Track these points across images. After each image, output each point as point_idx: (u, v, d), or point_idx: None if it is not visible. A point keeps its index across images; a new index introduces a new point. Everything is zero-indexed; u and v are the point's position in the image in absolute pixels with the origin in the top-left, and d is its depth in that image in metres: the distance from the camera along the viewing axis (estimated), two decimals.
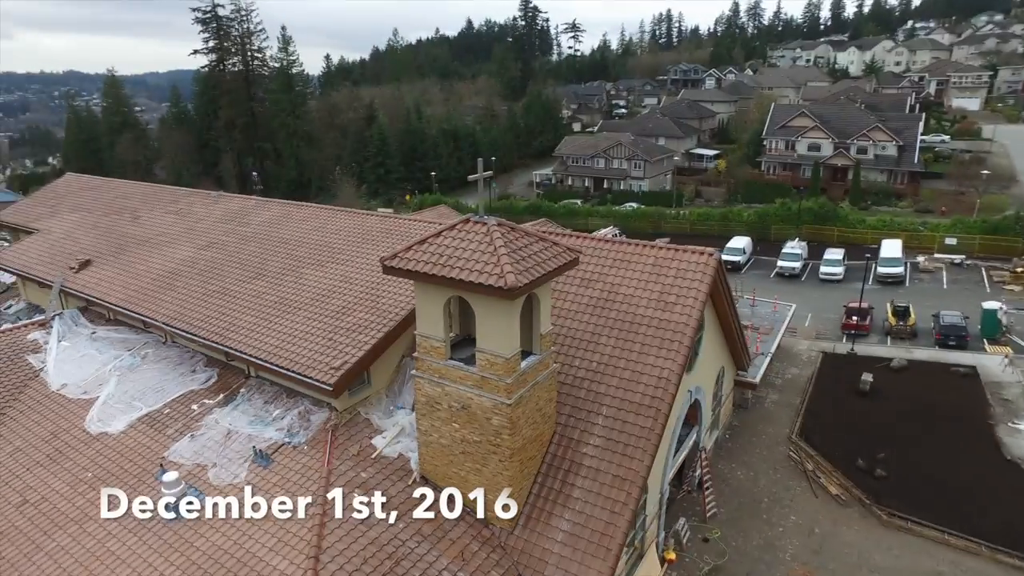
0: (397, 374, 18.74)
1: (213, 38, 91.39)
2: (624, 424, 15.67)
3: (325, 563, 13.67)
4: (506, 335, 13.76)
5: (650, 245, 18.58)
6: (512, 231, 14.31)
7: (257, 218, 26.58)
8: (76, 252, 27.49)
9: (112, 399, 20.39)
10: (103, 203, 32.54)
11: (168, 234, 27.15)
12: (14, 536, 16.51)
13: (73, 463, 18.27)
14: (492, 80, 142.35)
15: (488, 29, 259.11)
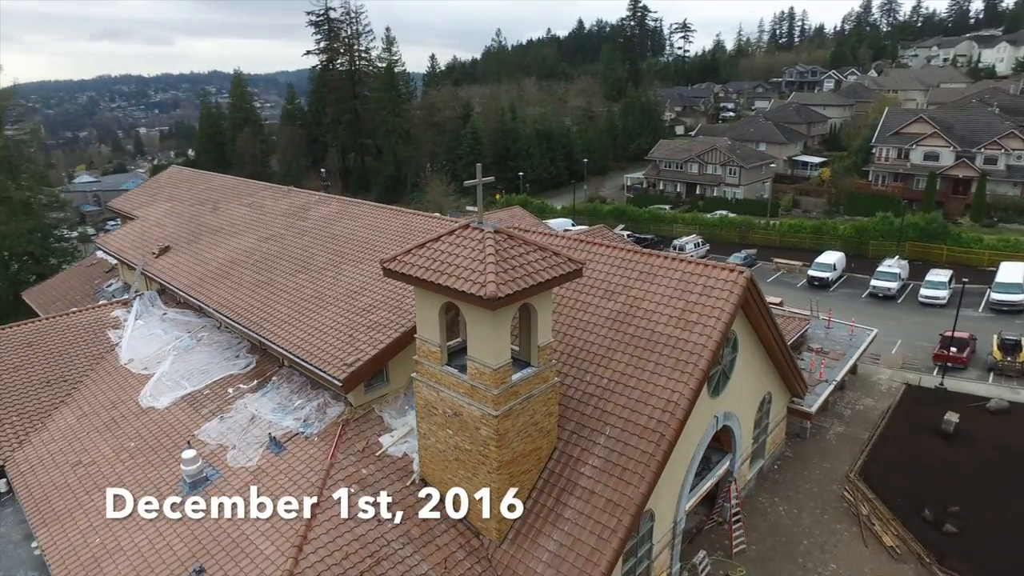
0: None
1: (324, 39, 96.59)
2: (625, 447, 14.87)
3: (307, 553, 13.98)
4: (492, 345, 13.43)
5: (679, 258, 17.54)
6: (509, 239, 13.95)
7: (316, 213, 27.68)
8: (160, 239, 29.89)
9: (165, 377, 21.97)
10: (192, 194, 35.18)
11: (237, 225, 28.88)
12: (64, 491, 18.15)
13: (122, 432, 19.84)
14: (593, 80, 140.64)
15: (599, 30, 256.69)
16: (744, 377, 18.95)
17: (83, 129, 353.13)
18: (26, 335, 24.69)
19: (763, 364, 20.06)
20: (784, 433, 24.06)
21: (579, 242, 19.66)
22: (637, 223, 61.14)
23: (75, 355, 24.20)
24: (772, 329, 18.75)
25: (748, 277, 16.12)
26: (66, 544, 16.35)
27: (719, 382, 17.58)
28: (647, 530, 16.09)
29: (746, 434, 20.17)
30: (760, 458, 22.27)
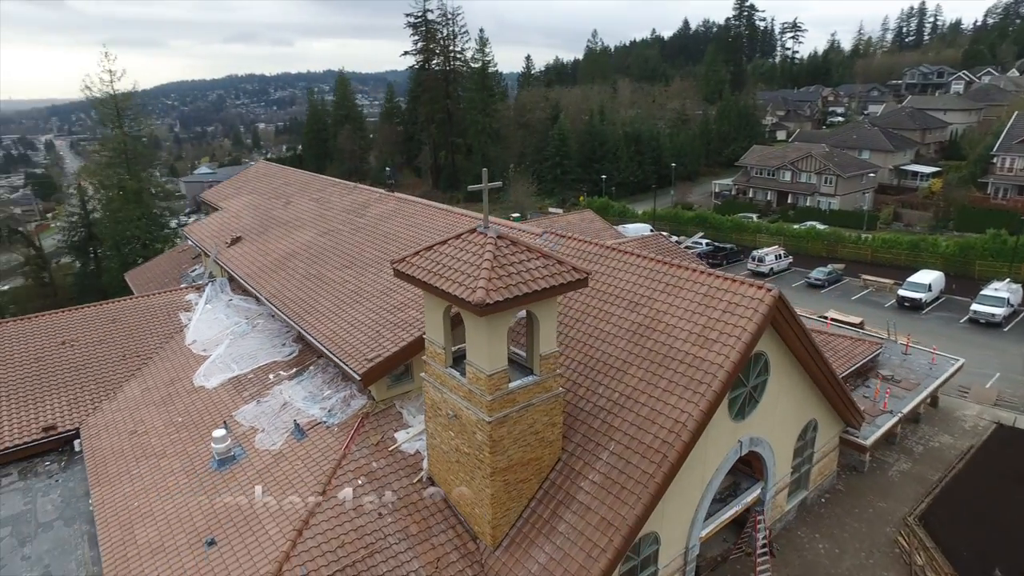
0: None
1: (421, 40, 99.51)
2: (627, 465, 14.36)
3: (306, 538, 14.50)
4: (487, 351, 13.35)
5: (707, 272, 16.68)
6: (512, 246, 13.81)
7: (373, 211, 28.60)
8: (235, 229, 31.95)
9: (218, 359, 23.47)
10: (271, 188, 37.35)
11: (302, 220, 30.37)
12: (119, 457, 19.81)
13: (174, 408, 21.40)
14: (692, 82, 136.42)
15: (706, 30, 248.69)
16: (779, 402, 17.76)
17: (211, 124, 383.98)
18: (112, 312, 27.15)
19: (805, 389, 18.70)
20: (836, 465, 22.35)
21: (611, 250, 19.15)
22: (718, 231, 58.73)
23: (150, 333, 26.34)
24: (812, 353, 17.44)
25: (776, 295, 15.08)
26: (111, 505, 17.84)
27: (744, 405, 16.57)
28: (651, 553, 15.44)
29: (781, 462, 18.90)
30: (803, 489, 20.81)
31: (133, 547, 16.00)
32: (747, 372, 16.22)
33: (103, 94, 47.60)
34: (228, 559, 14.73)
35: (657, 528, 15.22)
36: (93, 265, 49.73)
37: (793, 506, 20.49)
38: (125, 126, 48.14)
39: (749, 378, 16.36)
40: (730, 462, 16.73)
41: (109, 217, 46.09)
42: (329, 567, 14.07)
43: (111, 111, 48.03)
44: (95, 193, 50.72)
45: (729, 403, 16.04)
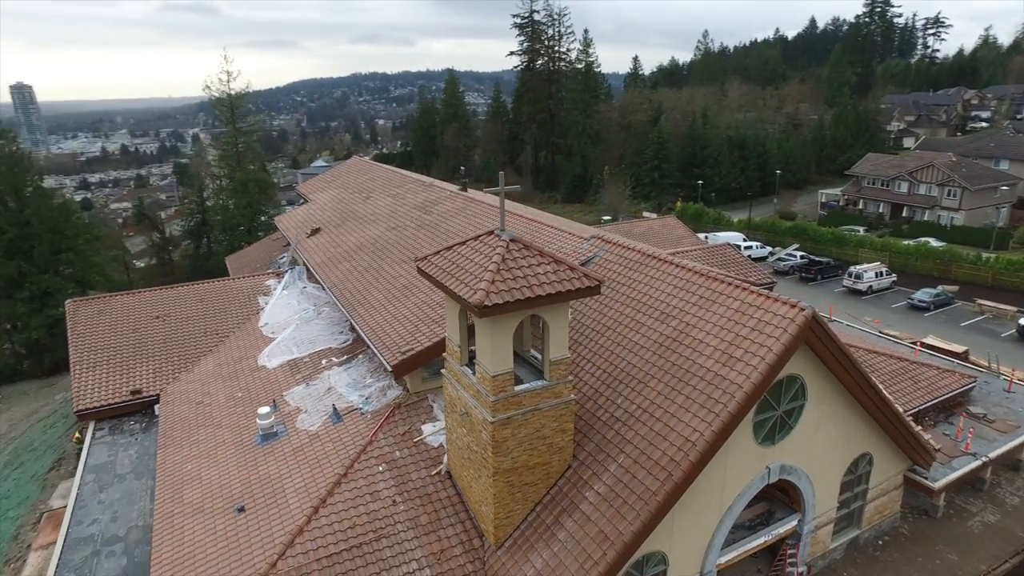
0: None
1: (527, 40, 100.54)
2: (632, 480, 13.99)
3: (320, 516, 15.33)
4: (491, 352, 13.48)
5: (741, 286, 15.84)
6: (524, 249, 13.84)
7: (440, 208, 29.40)
8: (317, 220, 33.95)
9: (282, 342, 25.13)
10: (357, 183, 39.28)
11: (377, 215, 31.75)
12: (184, 424, 21.76)
13: (236, 384, 23.17)
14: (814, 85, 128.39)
15: (835, 28, 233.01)
16: (820, 431, 16.55)
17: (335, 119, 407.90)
18: (200, 292, 29.73)
19: (854, 419, 17.27)
20: (899, 505, 20.46)
21: (651, 258, 18.61)
22: (817, 244, 55.04)
23: (230, 313, 28.60)
24: (859, 380, 16.10)
25: (808, 315, 14.07)
26: (170, 465, 19.66)
27: (775, 430, 15.60)
28: (657, 573, 14.92)
29: (824, 495, 17.58)
30: (853, 527, 19.23)
31: (180, 505, 17.56)
32: (777, 395, 15.25)
33: (221, 93, 52.36)
34: (251, 526, 15.84)
35: (664, 548, 14.69)
36: (205, 248, 54.81)
37: (841, 544, 18.99)
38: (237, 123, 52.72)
39: (780, 402, 15.38)
40: (755, 488, 15.81)
41: (220, 205, 50.51)
42: (337, 545, 14.79)
43: (226, 109, 52.71)
44: (210, 183, 55.91)
45: (755, 426, 15.16)
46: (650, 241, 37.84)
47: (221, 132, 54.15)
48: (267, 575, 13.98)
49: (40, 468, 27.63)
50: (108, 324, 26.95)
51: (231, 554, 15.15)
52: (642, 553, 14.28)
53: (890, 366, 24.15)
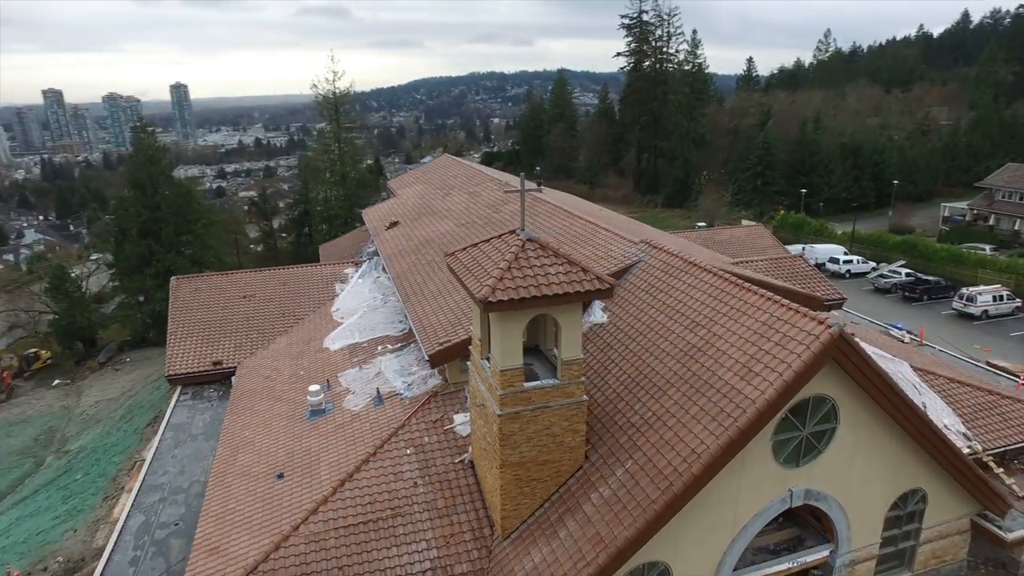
0: None
1: (634, 41, 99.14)
2: (635, 486, 13.89)
3: (346, 488, 16.40)
4: (500, 347, 13.87)
5: (773, 299, 15.18)
6: (539, 249, 14.09)
7: (509, 208, 30.00)
8: (397, 214, 35.63)
9: (348, 327, 26.75)
10: (440, 179, 40.73)
11: (451, 210, 32.87)
12: (251, 395, 23.78)
13: (301, 363, 24.99)
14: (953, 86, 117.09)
15: (994, 23, 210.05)
16: (856, 459, 15.51)
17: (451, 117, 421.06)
18: (284, 276, 32.20)
19: (902, 451, 16.00)
20: (965, 552, 18.68)
21: (692, 266, 18.19)
22: (929, 261, 50.39)
23: (308, 297, 30.78)
24: (900, 406, 14.95)
25: (834, 333, 13.29)
26: (231, 432, 21.62)
27: (799, 452, 14.84)
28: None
29: (862, 529, 16.44)
30: (903, 569, 17.77)
31: (232, 467, 19.33)
32: (802, 415, 14.51)
33: (327, 92, 56.15)
34: (285, 492, 17.20)
35: (667, 560, 14.42)
36: (306, 237, 59.00)
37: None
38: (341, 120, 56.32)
39: (805, 423, 14.62)
40: (774, 511, 15.12)
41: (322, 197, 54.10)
42: (356, 517, 15.78)
43: (331, 107, 56.38)
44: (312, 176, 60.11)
45: (775, 446, 14.52)
46: (731, 249, 36.52)
47: (326, 128, 58.23)
48: (288, 537, 15.19)
49: (142, 423, 31.13)
50: (202, 300, 29.85)
51: (264, 515, 16.56)
52: (641, 561, 14.11)
53: (976, 398, 22.02)
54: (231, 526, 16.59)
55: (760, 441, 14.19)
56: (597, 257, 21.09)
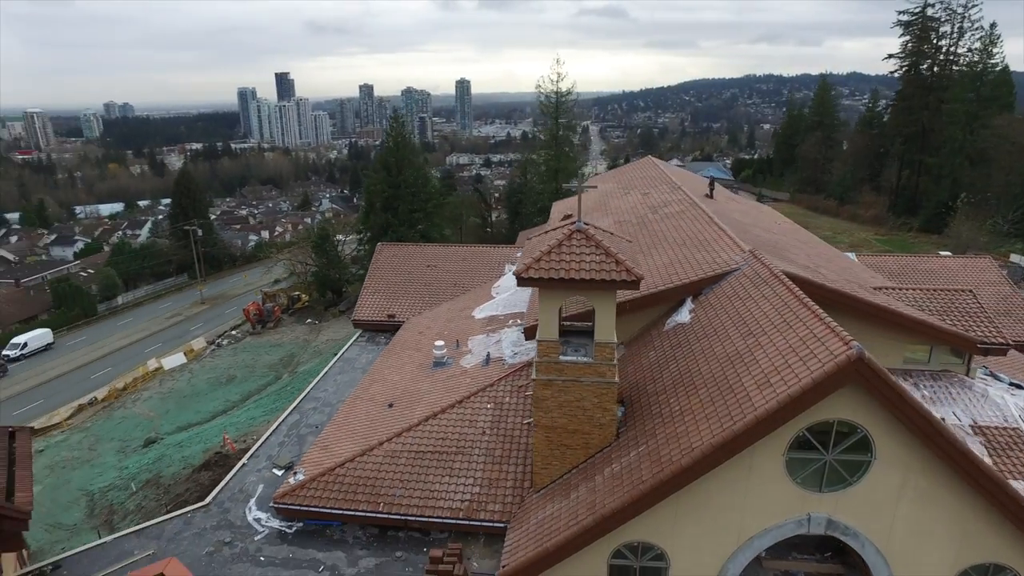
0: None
1: (912, 41, 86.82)
2: (636, 467, 14.96)
3: (428, 423, 19.84)
4: (541, 319, 15.93)
5: (818, 317, 14.72)
6: (584, 239, 15.72)
7: (665, 211, 30.82)
8: (571, 210, 38.20)
9: (496, 303, 30.26)
10: (629, 180, 42.21)
11: (620, 209, 34.48)
12: (403, 345, 28.59)
13: (448, 325, 29.19)
14: None
15: None
16: (904, 504, 14.28)
17: (718, 121, 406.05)
18: (465, 253, 37.01)
19: (976, 514, 14.22)
20: None
21: (774, 277, 17.91)
22: None
23: (479, 273, 35.10)
24: (954, 454, 13.47)
25: (852, 356, 12.75)
26: (376, 370, 26.58)
27: (821, 476, 14.30)
28: (654, 568, 15.39)
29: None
30: None
31: (364, 394, 24.13)
32: (824, 438, 14.03)
33: (549, 92, 60.45)
34: (388, 417, 21.27)
35: (664, 545, 15.13)
36: (519, 224, 64.36)
37: None
38: (560, 119, 60.27)
39: (828, 447, 14.08)
40: (789, 531, 14.77)
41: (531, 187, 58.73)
42: (426, 446, 19.17)
43: (551, 106, 60.56)
44: (531, 169, 65.11)
45: (788, 463, 14.27)
46: (928, 280, 32.40)
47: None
48: (372, 448, 19.13)
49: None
50: (395, 264, 35.94)
51: (367, 430, 20.80)
52: (636, 538, 15.10)
53: None
54: (343, 433, 21.15)
55: (770, 453, 14.20)
56: (701, 261, 21.47)
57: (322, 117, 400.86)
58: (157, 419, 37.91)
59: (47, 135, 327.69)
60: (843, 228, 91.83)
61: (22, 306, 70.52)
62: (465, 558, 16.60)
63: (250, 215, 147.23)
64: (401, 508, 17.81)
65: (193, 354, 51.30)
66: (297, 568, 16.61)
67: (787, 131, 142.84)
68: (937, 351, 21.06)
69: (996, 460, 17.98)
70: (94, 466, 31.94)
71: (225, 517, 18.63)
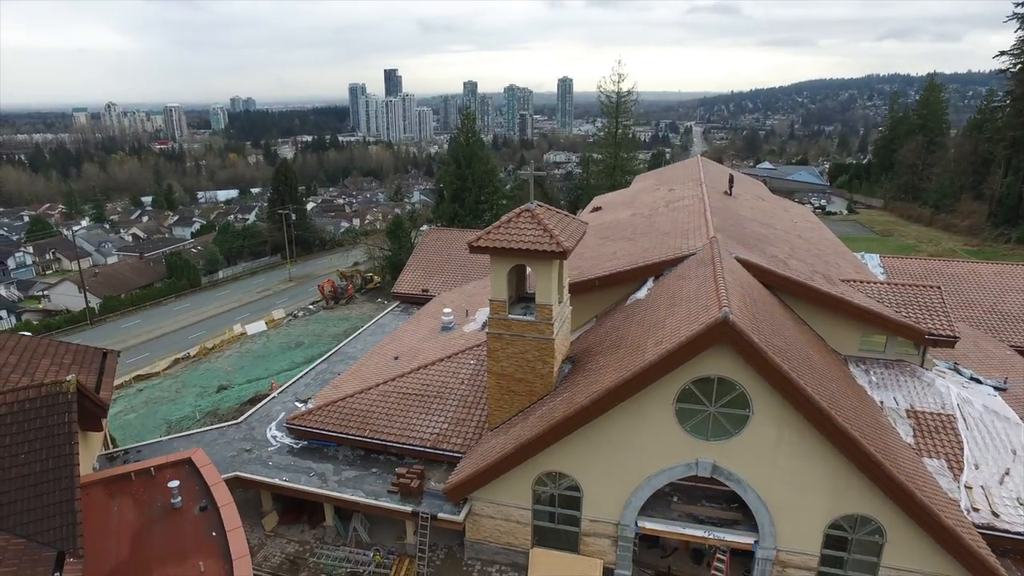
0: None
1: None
2: (554, 408, 17.87)
3: (418, 372, 23.47)
4: (492, 282, 19.12)
5: (717, 292, 16.96)
6: (531, 217, 18.67)
7: (675, 205, 32.86)
8: (611, 202, 40.70)
9: None
10: (667, 178, 44.14)
11: (642, 203, 36.81)
12: (427, 313, 32.34)
13: (468, 300, 32.66)
14: None
15: None
16: (781, 456, 16.34)
17: (832, 124, 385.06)
18: None
19: (848, 473, 16.01)
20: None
21: (710, 260, 20.08)
22: None
23: None
24: (815, 415, 15.38)
25: (718, 318, 15.08)
26: (396, 331, 30.53)
27: (706, 425, 16.61)
28: (571, 498, 18.21)
29: (792, 531, 16.88)
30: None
31: (380, 350, 28.15)
32: (707, 392, 16.36)
33: (610, 92, 62.44)
34: (391, 367, 25.14)
35: (575, 476, 17.97)
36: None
37: None
38: (620, 119, 62.30)
39: (711, 400, 16.39)
40: (680, 472, 17.20)
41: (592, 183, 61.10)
42: (412, 389, 22.85)
43: (612, 105, 62.46)
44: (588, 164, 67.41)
45: (678, 412, 16.70)
46: (958, 286, 32.49)
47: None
48: (369, 389, 23.04)
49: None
50: (438, 246, 39.97)
51: (372, 376, 24.75)
52: (552, 468, 18.08)
53: None
54: (353, 378, 25.25)
55: (661, 402, 16.77)
56: (671, 247, 23.80)
57: (426, 113, 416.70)
58: (232, 372, 44.11)
59: (182, 127, 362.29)
60: (930, 237, 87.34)
61: (141, 274, 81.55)
62: (425, 478, 20.19)
63: (347, 204, 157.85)
64: (383, 435, 21.58)
65: (273, 323, 57.89)
66: (294, 472, 20.79)
67: (889, 135, 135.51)
68: (893, 341, 22.31)
69: (920, 441, 19.37)
70: (176, 403, 38.22)
71: (251, 433, 23.18)
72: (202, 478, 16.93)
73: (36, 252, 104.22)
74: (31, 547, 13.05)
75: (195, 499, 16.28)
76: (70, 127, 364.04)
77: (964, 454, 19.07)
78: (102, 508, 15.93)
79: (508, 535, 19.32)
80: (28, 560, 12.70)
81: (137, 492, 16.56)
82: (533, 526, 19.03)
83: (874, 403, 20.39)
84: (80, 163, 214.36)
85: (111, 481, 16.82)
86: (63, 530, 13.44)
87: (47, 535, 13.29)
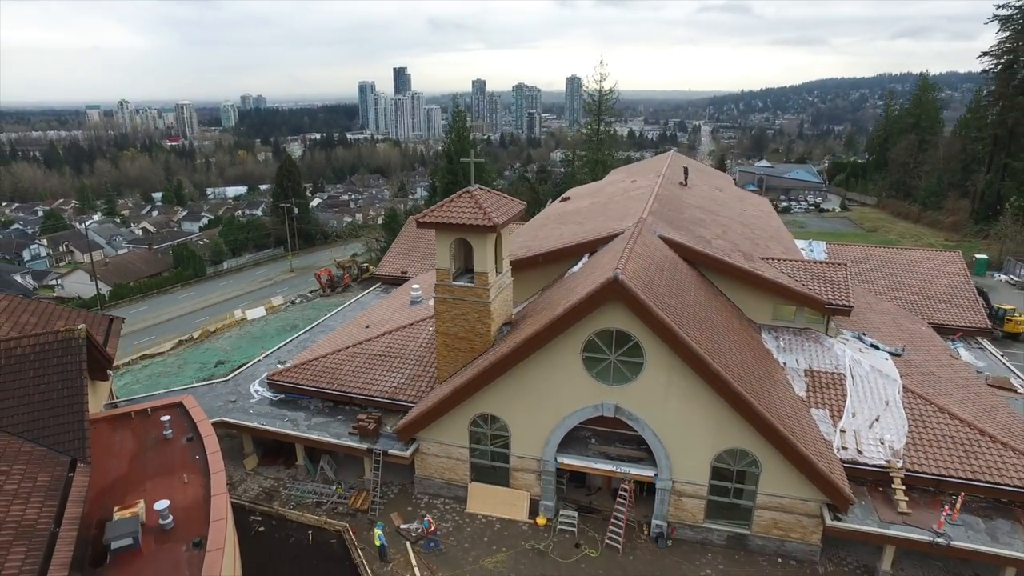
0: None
1: (1011, 38, 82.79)
2: (485, 359, 21.00)
3: (383, 337, 26.69)
4: (437, 254, 22.26)
5: (629, 256, 19.98)
6: (471, 198, 21.75)
7: (629, 193, 35.86)
8: (582, 192, 43.70)
9: None
10: (639, 170, 47.05)
11: (604, 193, 39.76)
12: (402, 291, 35.64)
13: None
14: None
15: None
16: (672, 399, 19.36)
17: (841, 123, 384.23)
18: None
19: (728, 413, 18.95)
20: (818, 538, 19.80)
21: (626, 237, 23.06)
22: None
23: None
24: (693, 361, 18.39)
25: (610, 278, 18.17)
26: (371, 306, 33.77)
27: (608, 372, 19.67)
28: (502, 437, 21.35)
29: (684, 465, 19.91)
30: (741, 523, 20.20)
31: (355, 322, 31.37)
32: (608, 342, 19.43)
33: (592, 91, 65.38)
34: (361, 333, 28.37)
35: (504, 418, 21.10)
36: None
37: (721, 531, 20.45)
38: (603, 117, 65.39)
39: (612, 349, 19.46)
40: (589, 413, 20.28)
41: (577, 178, 64.11)
42: (377, 351, 26.00)
43: (594, 103, 65.43)
44: (574, 160, 70.39)
45: (585, 361, 19.79)
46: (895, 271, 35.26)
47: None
48: (340, 351, 26.26)
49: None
50: (418, 233, 43.02)
51: (344, 340, 27.98)
52: (485, 411, 21.22)
53: (953, 432, 21.20)
54: (328, 343, 28.52)
55: (571, 351, 19.85)
56: (609, 229, 26.77)
57: (434, 111, 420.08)
58: (231, 351, 47.61)
59: (192, 124, 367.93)
60: (915, 233, 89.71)
61: (150, 264, 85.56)
62: (382, 424, 23.40)
63: (352, 200, 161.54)
64: (349, 388, 24.79)
65: (272, 308, 61.37)
66: (271, 419, 24.07)
67: (882, 133, 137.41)
68: (801, 312, 25.30)
69: (811, 395, 22.38)
70: (178, 376, 41.74)
71: (236, 388, 26.49)
72: (191, 417, 20.19)
73: (50, 245, 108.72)
74: (51, 454, 16.33)
75: (184, 432, 19.55)
76: (83, 124, 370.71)
77: (846, 405, 22.09)
78: (106, 438, 19.20)
79: (450, 471, 22.50)
80: (49, 462, 15.99)
81: (135, 427, 19.82)
82: (471, 463, 22.19)
83: (775, 363, 23.41)
84: (93, 159, 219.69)
85: (114, 418, 20.10)
86: (75, 442, 16.70)
87: (63, 446, 16.54)
